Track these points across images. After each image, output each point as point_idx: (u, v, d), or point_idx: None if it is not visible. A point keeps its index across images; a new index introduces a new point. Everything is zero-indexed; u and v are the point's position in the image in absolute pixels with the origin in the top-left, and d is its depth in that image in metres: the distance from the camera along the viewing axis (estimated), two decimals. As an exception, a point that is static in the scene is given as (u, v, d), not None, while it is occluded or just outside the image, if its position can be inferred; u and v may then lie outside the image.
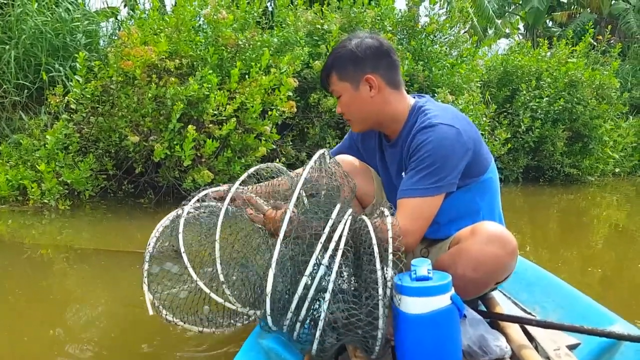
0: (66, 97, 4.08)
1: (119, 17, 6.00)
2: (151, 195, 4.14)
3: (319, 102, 4.52)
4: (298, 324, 1.18)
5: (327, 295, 1.11)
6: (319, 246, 1.13)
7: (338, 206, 1.22)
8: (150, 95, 3.70)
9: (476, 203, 1.47)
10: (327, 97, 4.44)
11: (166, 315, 1.39)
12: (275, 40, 4.40)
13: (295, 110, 4.09)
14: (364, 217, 1.23)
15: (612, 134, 7.20)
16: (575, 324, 1.30)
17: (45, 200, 3.72)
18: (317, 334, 1.14)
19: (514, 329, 1.38)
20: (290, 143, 4.58)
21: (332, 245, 1.13)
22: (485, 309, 1.55)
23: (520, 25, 16.74)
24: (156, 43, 3.85)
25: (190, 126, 3.60)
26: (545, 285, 1.72)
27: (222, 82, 3.94)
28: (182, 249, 1.35)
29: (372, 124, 1.52)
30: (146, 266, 1.40)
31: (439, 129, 1.34)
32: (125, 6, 6.29)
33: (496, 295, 1.62)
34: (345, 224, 1.18)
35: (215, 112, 3.74)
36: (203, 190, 1.51)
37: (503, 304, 1.57)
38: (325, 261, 1.13)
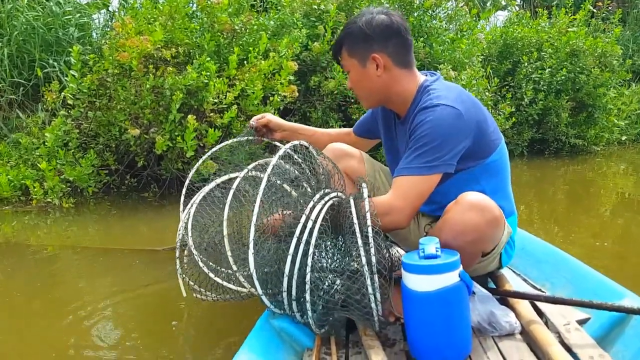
0: (62, 93, 4.04)
1: (110, 8, 5.92)
2: (155, 189, 4.12)
3: (319, 85, 4.46)
4: (294, 303, 1.23)
5: (308, 276, 1.18)
6: (299, 227, 1.22)
7: (320, 193, 1.30)
8: (148, 86, 3.65)
9: (480, 185, 1.45)
10: (327, 79, 4.38)
11: (202, 295, 1.53)
12: (271, 23, 4.33)
13: (297, 94, 4.04)
14: (350, 198, 1.29)
15: (616, 101, 7.11)
16: (585, 299, 1.30)
17: (49, 199, 3.71)
18: (308, 306, 1.21)
19: (523, 305, 1.38)
20: (293, 128, 4.54)
21: (309, 225, 1.21)
22: (494, 286, 1.54)
23: (518, -4, 16.42)
24: (151, 32, 3.80)
25: (190, 116, 3.55)
26: (554, 262, 1.71)
27: (220, 69, 3.88)
28: (194, 251, 1.46)
29: (379, 101, 1.55)
30: (177, 253, 1.58)
31: (439, 109, 1.34)
32: (114, -4, 6.19)
33: (505, 272, 1.63)
34: (323, 207, 1.26)
35: (216, 101, 3.69)
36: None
37: (512, 281, 1.57)
38: (303, 240, 1.21)
